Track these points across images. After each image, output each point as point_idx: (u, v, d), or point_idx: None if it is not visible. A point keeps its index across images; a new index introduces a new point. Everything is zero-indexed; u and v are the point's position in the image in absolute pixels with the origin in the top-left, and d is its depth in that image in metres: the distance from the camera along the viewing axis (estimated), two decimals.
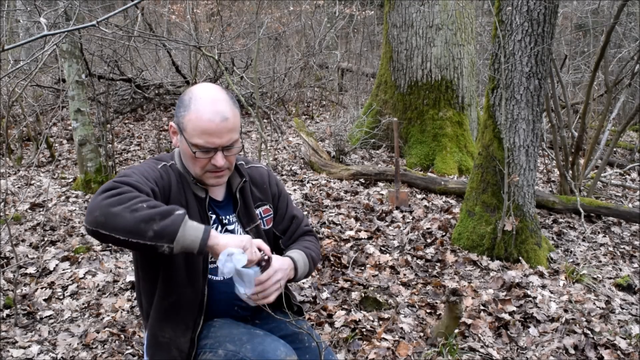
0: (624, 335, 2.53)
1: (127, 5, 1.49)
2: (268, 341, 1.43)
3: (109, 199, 1.23)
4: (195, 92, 1.43)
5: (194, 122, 1.40)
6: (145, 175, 1.41)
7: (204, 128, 1.39)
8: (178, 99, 1.49)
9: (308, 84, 9.12)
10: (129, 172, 1.40)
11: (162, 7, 10.39)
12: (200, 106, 1.40)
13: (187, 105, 1.42)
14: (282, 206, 1.73)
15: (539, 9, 3.00)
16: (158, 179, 1.43)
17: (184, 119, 1.42)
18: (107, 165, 4.62)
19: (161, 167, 1.48)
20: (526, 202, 3.26)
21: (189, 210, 1.46)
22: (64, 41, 4.17)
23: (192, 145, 1.42)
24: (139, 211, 1.21)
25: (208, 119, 1.39)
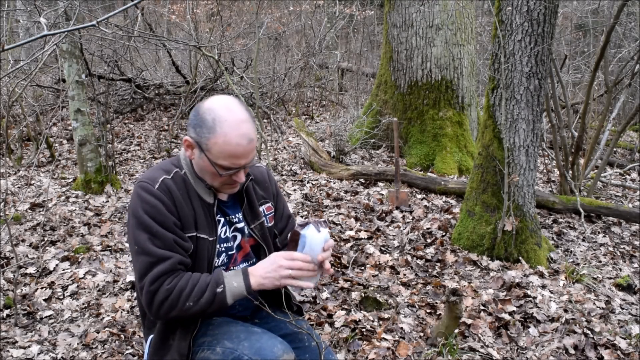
0: (624, 335, 2.53)
1: (127, 5, 1.49)
2: (265, 338, 1.44)
3: (161, 307, 1.40)
4: (219, 113, 1.40)
5: (221, 146, 1.39)
6: (158, 233, 1.41)
7: (232, 152, 1.40)
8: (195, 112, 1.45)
9: (308, 84, 9.12)
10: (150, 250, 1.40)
11: (162, 7, 10.39)
12: (227, 130, 1.39)
13: (211, 127, 1.39)
14: (280, 205, 1.75)
15: (539, 9, 3.00)
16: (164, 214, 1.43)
17: (209, 141, 1.40)
18: (107, 165, 4.62)
19: (158, 186, 1.44)
20: (526, 202, 3.26)
21: (196, 217, 1.48)
22: (64, 41, 4.17)
23: (216, 166, 1.43)
24: (191, 310, 1.40)
25: (236, 144, 1.39)
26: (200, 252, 1.48)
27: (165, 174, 1.48)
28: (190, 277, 1.42)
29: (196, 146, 1.44)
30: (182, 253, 1.44)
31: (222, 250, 1.56)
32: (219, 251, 1.55)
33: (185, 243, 1.45)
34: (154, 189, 1.44)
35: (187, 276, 1.42)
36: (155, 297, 1.39)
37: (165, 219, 1.42)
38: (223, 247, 1.56)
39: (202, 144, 1.42)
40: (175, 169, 1.51)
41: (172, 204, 1.44)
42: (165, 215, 1.42)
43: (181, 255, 1.44)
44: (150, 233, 1.41)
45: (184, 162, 1.53)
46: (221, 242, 1.55)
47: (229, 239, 1.59)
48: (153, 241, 1.40)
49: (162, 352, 1.51)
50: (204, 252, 1.49)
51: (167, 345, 1.50)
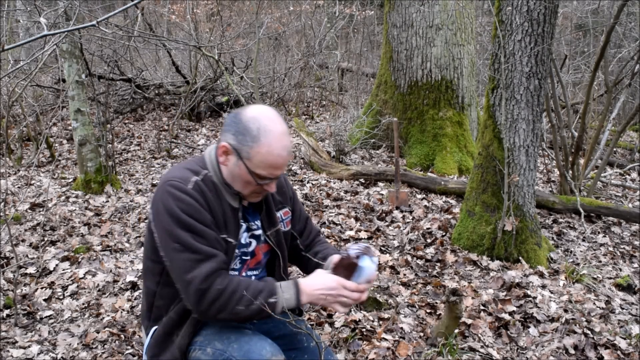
0: (624, 335, 2.53)
1: (127, 5, 1.49)
2: (255, 340, 1.45)
3: (211, 307, 1.40)
4: (264, 123, 1.43)
5: (264, 156, 1.42)
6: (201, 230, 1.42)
7: (273, 163, 1.44)
8: (235, 120, 1.46)
9: (308, 84, 9.12)
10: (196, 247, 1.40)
11: (162, 7, 10.39)
12: (272, 140, 1.42)
13: (255, 136, 1.42)
14: (297, 208, 1.78)
15: (539, 9, 3.00)
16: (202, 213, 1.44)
17: (251, 150, 1.42)
18: (107, 165, 4.62)
19: (192, 186, 1.44)
20: (526, 202, 3.26)
21: (225, 220, 1.49)
22: (64, 41, 4.17)
23: (254, 175, 1.45)
24: (241, 314, 1.41)
25: (278, 155, 1.44)
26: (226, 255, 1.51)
27: (194, 174, 1.48)
28: (241, 281, 1.43)
29: (234, 153, 1.45)
30: (223, 251, 1.46)
31: (237, 255, 1.58)
32: (235, 255, 1.56)
33: (222, 242, 1.47)
34: (187, 187, 1.43)
35: (238, 279, 1.43)
36: (206, 295, 1.38)
37: (204, 217, 1.43)
38: (239, 252, 1.58)
39: (242, 151, 1.44)
40: (203, 170, 1.51)
41: (206, 204, 1.45)
42: (203, 213, 1.43)
43: (223, 253, 1.45)
44: (193, 231, 1.41)
45: (210, 165, 1.53)
46: (240, 247, 1.57)
47: (246, 244, 1.61)
48: (196, 238, 1.41)
49: (164, 346, 1.52)
50: (228, 255, 1.51)
51: (170, 340, 1.51)
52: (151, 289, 1.56)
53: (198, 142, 6.61)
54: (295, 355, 1.62)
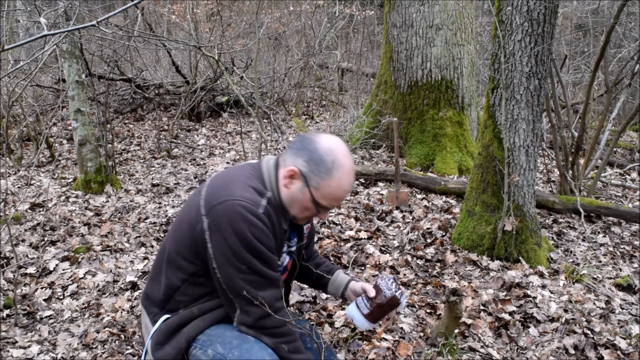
0: (624, 335, 2.53)
1: (127, 5, 1.49)
2: (256, 349, 1.45)
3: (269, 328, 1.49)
4: (338, 157, 1.47)
5: (333, 189, 1.47)
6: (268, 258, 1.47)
7: (338, 197, 1.50)
8: (310, 147, 1.48)
9: (308, 84, 9.12)
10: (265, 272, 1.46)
11: (162, 7, 10.39)
12: (343, 176, 1.48)
13: (329, 169, 1.46)
14: (313, 222, 1.84)
15: (539, 9, 3.00)
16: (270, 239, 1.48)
17: (322, 181, 1.46)
18: (107, 165, 4.62)
19: (263, 211, 1.45)
20: (526, 202, 3.26)
21: (276, 241, 1.52)
22: (64, 41, 4.17)
23: (316, 204, 1.49)
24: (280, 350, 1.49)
25: (344, 190, 1.50)
26: None
27: (260, 195, 1.48)
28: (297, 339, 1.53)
29: (301, 179, 1.48)
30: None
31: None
32: None
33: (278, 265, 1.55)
34: (258, 212, 1.43)
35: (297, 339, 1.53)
36: (270, 318, 1.46)
37: (271, 243, 1.47)
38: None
39: (312, 180, 1.47)
40: (267, 192, 1.51)
41: (272, 230, 1.48)
42: (270, 239, 1.46)
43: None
44: (261, 257, 1.44)
45: (269, 184, 1.53)
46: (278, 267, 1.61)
47: (283, 262, 1.65)
48: (264, 265, 1.45)
49: (172, 336, 1.52)
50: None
51: (180, 332, 1.52)
52: (174, 283, 1.55)
53: (198, 142, 6.61)
54: None
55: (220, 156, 6.03)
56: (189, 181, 4.99)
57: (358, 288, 1.79)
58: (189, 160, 5.84)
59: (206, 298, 1.53)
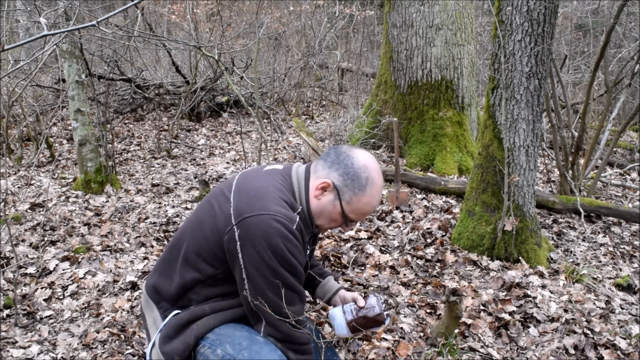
0: (624, 335, 2.53)
1: (127, 5, 1.49)
2: (266, 350, 1.45)
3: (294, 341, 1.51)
4: (372, 175, 1.53)
5: (363, 205, 1.54)
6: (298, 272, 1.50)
7: (367, 212, 1.56)
8: (347, 161, 1.53)
9: (308, 84, 9.12)
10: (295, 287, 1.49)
11: (162, 7, 10.40)
12: (375, 193, 1.54)
13: (363, 185, 1.51)
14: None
15: (539, 9, 3.00)
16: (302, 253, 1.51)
17: (354, 196, 1.52)
18: (107, 165, 4.62)
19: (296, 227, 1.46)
20: (526, 202, 3.26)
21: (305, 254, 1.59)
22: (64, 41, 4.17)
23: (345, 217, 1.55)
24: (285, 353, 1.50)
25: (373, 207, 1.57)
26: None
27: (292, 210, 1.50)
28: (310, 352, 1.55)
29: (334, 192, 1.52)
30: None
31: None
32: None
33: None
34: (293, 228, 1.45)
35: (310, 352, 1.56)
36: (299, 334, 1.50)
37: (303, 260, 1.51)
38: None
39: (345, 194, 1.52)
40: (298, 206, 1.53)
41: (303, 245, 1.51)
42: (303, 255, 1.50)
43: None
44: (294, 272, 1.47)
45: (299, 196, 1.55)
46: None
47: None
48: (296, 279, 1.48)
49: (181, 331, 1.52)
50: None
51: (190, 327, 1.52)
52: (188, 282, 1.55)
53: (198, 142, 6.61)
54: None
55: (220, 156, 6.03)
56: (189, 181, 4.98)
57: (348, 297, 1.83)
58: (189, 160, 5.84)
59: (219, 298, 1.54)
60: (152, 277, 1.66)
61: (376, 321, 1.72)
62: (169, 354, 1.49)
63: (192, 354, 1.51)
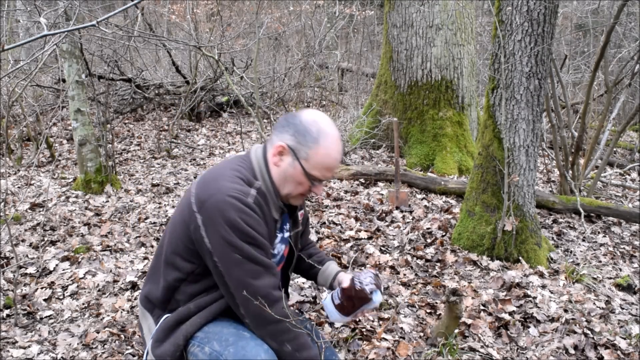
0: (624, 335, 2.53)
1: (127, 5, 1.49)
2: (251, 345, 1.46)
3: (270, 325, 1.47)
4: (323, 126, 1.49)
5: (322, 157, 1.48)
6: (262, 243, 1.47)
7: (329, 165, 1.50)
8: (294, 121, 1.51)
9: (308, 84, 9.12)
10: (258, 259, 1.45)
11: (162, 7, 10.40)
12: (330, 144, 1.49)
13: (315, 137, 1.48)
14: (305, 210, 1.84)
15: (539, 9, 3.00)
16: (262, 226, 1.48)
17: (310, 151, 1.47)
18: (107, 165, 4.62)
19: (253, 200, 1.46)
20: (526, 202, 3.26)
21: (269, 232, 1.54)
22: (64, 41, 4.17)
23: (308, 176, 1.50)
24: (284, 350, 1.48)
25: (334, 158, 1.51)
26: None
27: (246, 184, 1.49)
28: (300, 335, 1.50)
29: (290, 153, 1.50)
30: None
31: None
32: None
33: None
34: (247, 200, 1.45)
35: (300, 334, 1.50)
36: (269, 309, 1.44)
37: (263, 231, 1.47)
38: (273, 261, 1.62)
39: (300, 152, 1.48)
40: (255, 182, 1.52)
41: (263, 217, 1.49)
42: (262, 226, 1.47)
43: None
44: (254, 243, 1.44)
45: (259, 172, 1.54)
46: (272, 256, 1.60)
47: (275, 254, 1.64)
48: (258, 251, 1.45)
49: (170, 333, 1.53)
50: None
51: (178, 328, 1.53)
52: (172, 283, 1.56)
53: (198, 142, 6.61)
54: None
55: (220, 156, 6.03)
56: (189, 181, 4.98)
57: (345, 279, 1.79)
58: (189, 160, 5.84)
59: (203, 294, 1.55)
60: (144, 287, 1.69)
61: (361, 298, 1.65)
62: (161, 356, 1.50)
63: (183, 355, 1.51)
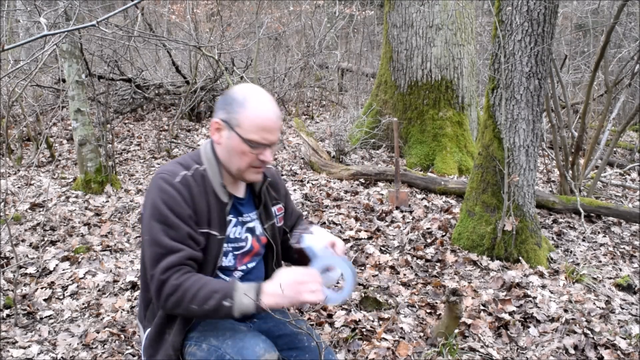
0: (624, 335, 2.53)
1: (127, 5, 1.50)
2: (249, 337, 1.46)
3: (168, 301, 1.40)
4: (249, 91, 1.48)
5: (253, 119, 1.44)
6: (174, 223, 1.42)
7: (263, 125, 1.45)
8: (224, 96, 1.51)
9: (308, 84, 9.12)
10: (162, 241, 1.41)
11: (162, 7, 10.40)
12: (258, 104, 1.46)
13: (242, 102, 1.45)
14: (289, 205, 1.80)
15: (539, 9, 3.00)
16: (182, 207, 1.44)
17: (239, 115, 1.45)
18: (107, 165, 4.62)
19: (180, 180, 1.46)
20: (526, 202, 3.26)
21: (210, 214, 1.49)
22: (64, 41, 4.17)
23: (246, 141, 1.45)
24: (195, 312, 1.39)
25: (266, 117, 1.45)
26: (210, 249, 1.50)
27: (185, 169, 1.50)
28: (198, 279, 1.40)
29: (225, 126, 1.48)
30: (194, 247, 1.45)
31: (229, 250, 1.57)
32: (226, 251, 1.56)
33: (198, 237, 1.46)
34: (174, 181, 1.45)
35: (197, 277, 1.41)
36: (163, 288, 1.39)
37: (182, 211, 1.43)
38: (230, 247, 1.57)
39: (232, 120, 1.46)
40: (195, 165, 1.52)
41: (190, 198, 1.46)
42: (182, 207, 1.44)
43: (193, 249, 1.44)
44: (166, 224, 1.42)
45: (205, 157, 1.55)
46: (229, 241, 1.57)
47: (239, 239, 1.60)
48: (167, 232, 1.42)
49: (158, 346, 1.53)
50: (213, 249, 1.51)
51: (163, 340, 1.52)
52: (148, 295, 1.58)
53: (198, 142, 6.61)
54: (296, 354, 1.62)
55: None
56: None
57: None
58: None
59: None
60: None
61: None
62: None
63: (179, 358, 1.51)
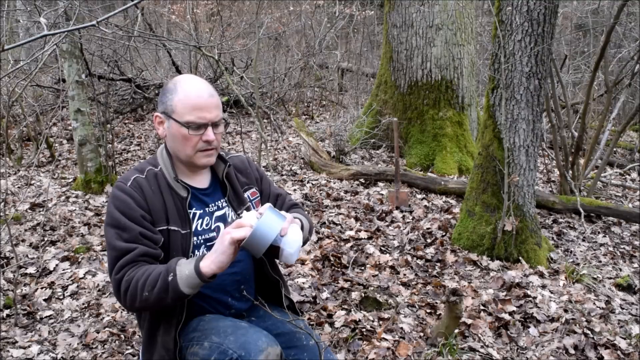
0: (624, 335, 2.53)
1: (127, 5, 1.50)
2: (251, 332, 1.46)
3: (126, 298, 1.42)
4: (179, 78, 1.54)
5: (184, 100, 1.48)
6: (125, 225, 1.44)
7: (194, 103, 1.48)
8: (160, 92, 1.56)
9: (308, 84, 9.12)
10: (116, 245, 1.44)
11: (162, 7, 10.40)
12: (187, 86, 1.50)
13: (172, 89, 1.50)
14: (265, 187, 1.78)
15: (539, 9, 3.00)
16: (133, 208, 1.46)
17: (172, 102, 1.49)
18: (107, 165, 4.62)
19: (130, 184, 1.49)
20: (526, 202, 3.26)
21: (167, 210, 1.51)
22: (64, 41, 4.17)
23: (184, 124, 1.48)
24: (150, 300, 1.39)
25: (197, 95, 1.48)
26: (174, 245, 1.50)
27: (139, 173, 1.53)
28: (147, 268, 1.42)
29: (164, 117, 1.52)
30: (148, 245, 1.46)
31: (201, 243, 1.57)
32: (197, 244, 1.56)
33: (154, 235, 1.47)
34: (126, 186, 1.49)
35: (145, 267, 1.43)
36: (120, 288, 1.43)
37: (133, 213, 1.46)
38: (201, 239, 1.57)
39: (167, 108, 1.50)
40: (149, 167, 1.56)
41: (143, 199, 1.48)
42: (133, 209, 1.46)
43: (147, 246, 1.46)
44: (118, 227, 1.45)
45: (160, 157, 1.58)
46: (198, 234, 1.56)
47: (210, 230, 1.59)
48: (120, 235, 1.45)
49: (152, 349, 1.53)
50: (178, 244, 1.51)
51: (155, 342, 1.53)
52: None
53: None
54: (294, 353, 1.62)
55: None
56: None
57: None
58: None
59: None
60: None
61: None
62: None
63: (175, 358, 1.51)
